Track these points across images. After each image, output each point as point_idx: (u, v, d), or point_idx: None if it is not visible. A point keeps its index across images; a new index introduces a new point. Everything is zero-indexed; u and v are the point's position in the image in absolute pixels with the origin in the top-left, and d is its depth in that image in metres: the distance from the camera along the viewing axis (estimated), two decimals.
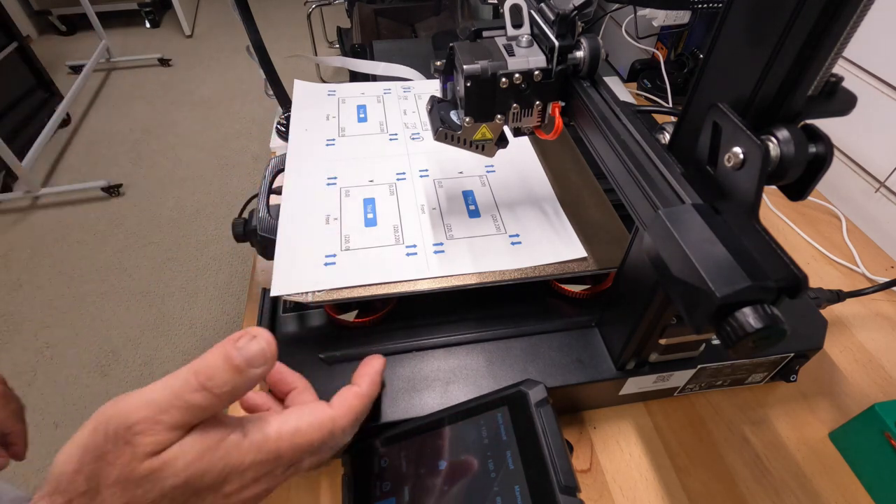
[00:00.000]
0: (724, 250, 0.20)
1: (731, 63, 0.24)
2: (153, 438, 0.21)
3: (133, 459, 0.21)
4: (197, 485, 0.23)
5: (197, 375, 0.22)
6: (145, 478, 0.21)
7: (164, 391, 0.22)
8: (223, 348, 0.22)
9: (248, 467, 0.24)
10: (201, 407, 0.22)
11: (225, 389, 0.22)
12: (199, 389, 0.22)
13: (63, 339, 1.27)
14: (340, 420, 0.27)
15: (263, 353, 0.23)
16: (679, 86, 0.75)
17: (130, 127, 1.97)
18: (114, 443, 0.21)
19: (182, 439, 0.22)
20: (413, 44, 0.91)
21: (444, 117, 0.36)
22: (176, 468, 0.22)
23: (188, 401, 0.22)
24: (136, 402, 0.22)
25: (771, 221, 0.58)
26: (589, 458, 0.38)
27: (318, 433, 0.26)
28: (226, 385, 0.22)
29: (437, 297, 0.37)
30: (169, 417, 0.22)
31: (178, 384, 0.22)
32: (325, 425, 0.26)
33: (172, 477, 0.22)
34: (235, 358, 0.22)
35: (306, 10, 1.84)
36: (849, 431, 0.38)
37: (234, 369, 0.22)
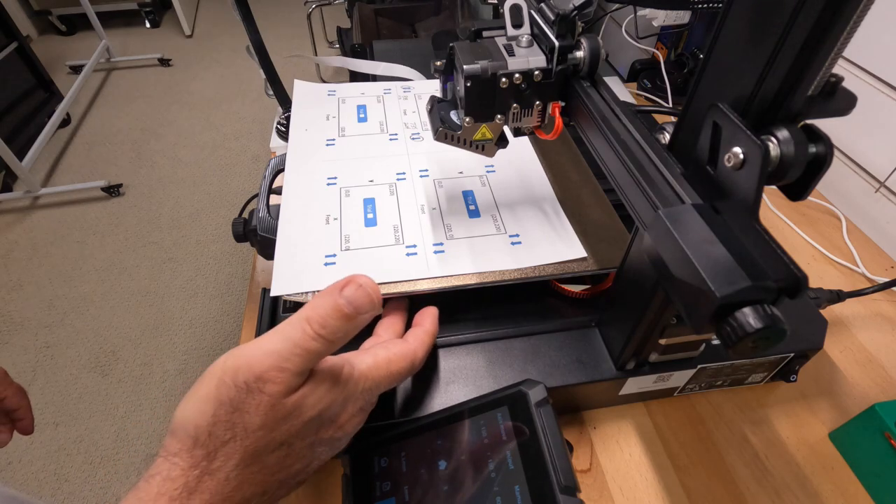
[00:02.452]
0: (724, 250, 0.20)
1: (731, 63, 0.24)
2: (284, 385, 0.23)
3: (274, 403, 0.23)
4: (326, 414, 0.26)
5: (311, 324, 0.24)
6: (290, 414, 0.24)
7: (284, 341, 0.24)
8: (332, 298, 0.24)
9: (359, 395, 0.27)
10: (319, 352, 0.24)
11: (339, 335, 0.24)
12: (316, 337, 0.24)
13: (63, 339, 1.27)
14: (419, 351, 0.31)
15: (371, 300, 0.25)
16: (679, 86, 0.75)
17: (130, 127, 1.97)
18: (247, 392, 0.23)
19: (312, 377, 0.25)
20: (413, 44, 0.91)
21: (444, 117, 0.36)
22: (313, 401, 0.25)
23: (307, 348, 0.24)
24: (259, 353, 0.23)
25: (771, 221, 0.58)
26: (589, 458, 0.38)
27: (404, 362, 0.30)
28: (339, 331, 0.24)
29: (437, 297, 0.37)
30: (292, 365, 0.23)
31: (297, 334, 0.23)
32: (408, 356, 0.30)
33: (310, 409, 0.25)
34: (345, 307, 0.24)
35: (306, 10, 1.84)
36: (849, 431, 0.38)
37: (345, 317, 0.24)
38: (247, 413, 0.23)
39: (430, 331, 0.34)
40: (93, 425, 1.12)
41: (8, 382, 0.43)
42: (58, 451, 1.07)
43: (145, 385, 1.19)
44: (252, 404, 0.23)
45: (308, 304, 0.24)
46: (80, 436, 1.10)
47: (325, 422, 0.26)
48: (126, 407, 1.15)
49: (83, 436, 1.10)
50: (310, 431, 0.25)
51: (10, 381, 0.44)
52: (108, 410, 1.14)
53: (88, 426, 1.11)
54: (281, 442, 0.24)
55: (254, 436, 0.23)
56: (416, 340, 0.32)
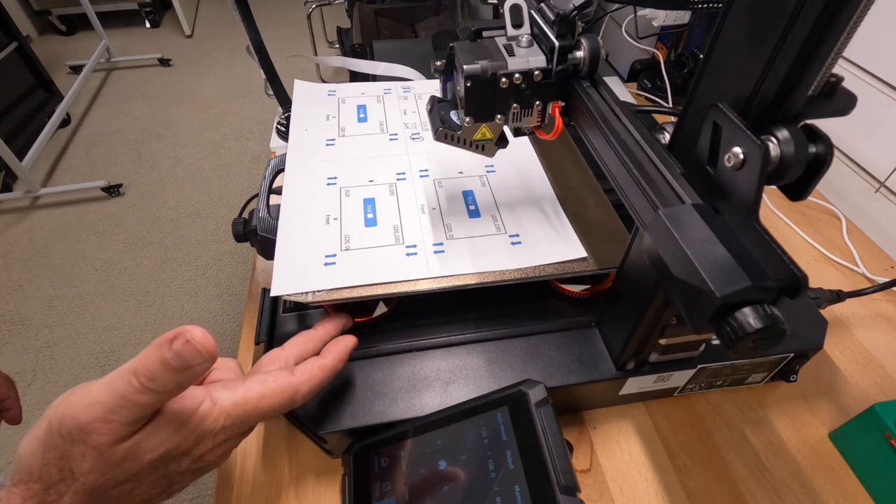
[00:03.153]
0: (724, 250, 0.20)
1: (731, 63, 0.24)
2: (110, 436, 0.23)
3: (101, 451, 0.22)
4: (174, 453, 0.25)
5: (138, 377, 0.22)
6: (123, 459, 0.23)
7: (108, 393, 0.23)
8: (159, 352, 0.22)
9: (219, 431, 0.26)
10: (149, 403, 0.23)
11: (169, 387, 0.23)
12: (143, 390, 0.22)
13: (63, 339, 1.27)
14: (302, 388, 0.29)
15: (200, 354, 0.23)
16: (679, 86, 0.75)
17: (130, 127, 1.97)
18: (71, 442, 0.22)
19: (155, 420, 0.24)
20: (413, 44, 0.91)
21: (444, 117, 0.36)
22: (151, 445, 0.24)
23: (133, 400, 0.22)
24: (85, 403, 0.23)
25: (771, 221, 0.58)
26: (589, 458, 0.38)
27: (280, 398, 0.28)
28: (169, 383, 0.23)
29: (437, 297, 0.37)
30: (118, 417, 0.23)
31: (122, 386, 0.22)
32: (287, 391, 0.29)
33: (149, 453, 0.24)
34: (173, 360, 0.22)
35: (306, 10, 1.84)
36: (849, 431, 0.38)
37: (174, 370, 0.23)
38: (73, 460, 0.23)
39: (328, 365, 0.31)
40: None
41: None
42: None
43: None
44: (77, 453, 0.23)
45: (138, 355, 0.23)
46: None
47: (176, 457, 0.25)
48: None
49: None
50: (156, 469, 0.25)
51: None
52: None
53: None
54: (122, 480, 0.24)
55: (84, 478, 0.23)
56: (303, 375, 0.30)
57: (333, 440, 0.34)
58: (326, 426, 0.33)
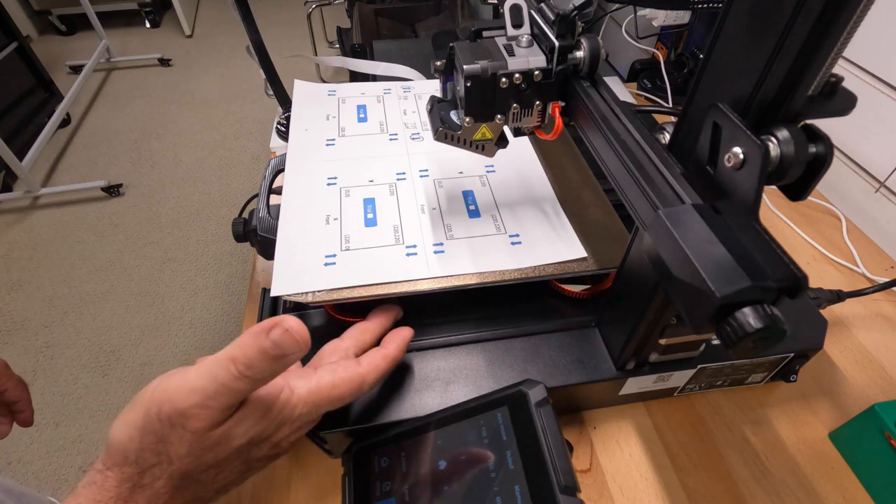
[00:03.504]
0: (724, 250, 0.20)
1: (731, 63, 0.24)
2: (208, 422, 0.24)
3: (198, 437, 0.24)
4: (259, 438, 0.26)
5: (237, 364, 0.23)
6: (216, 444, 0.25)
7: (208, 380, 0.24)
8: (258, 340, 0.24)
9: (296, 418, 0.28)
10: (244, 391, 0.24)
11: (265, 375, 0.24)
12: (240, 378, 0.23)
13: (63, 339, 1.27)
14: (368, 377, 0.31)
15: (297, 343, 0.24)
16: (679, 86, 0.75)
17: (130, 127, 1.97)
18: (170, 427, 0.23)
19: (244, 407, 0.25)
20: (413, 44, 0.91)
21: (444, 117, 0.36)
22: (241, 430, 0.25)
23: (231, 387, 0.24)
24: (184, 389, 0.24)
25: (771, 221, 0.58)
26: (589, 458, 0.38)
27: (349, 387, 0.30)
28: (265, 371, 0.24)
29: (437, 297, 0.37)
30: (216, 403, 0.24)
31: (221, 373, 0.23)
32: (355, 381, 0.30)
33: (239, 438, 0.25)
34: (271, 349, 0.24)
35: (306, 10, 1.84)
36: (849, 431, 0.38)
37: (271, 359, 0.24)
38: (171, 444, 0.24)
39: (391, 356, 0.32)
40: (93, 425, 1.11)
41: (9, 375, 0.44)
42: (58, 451, 1.07)
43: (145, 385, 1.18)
44: (175, 437, 0.24)
45: (235, 343, 0.24)
46: (80, 436, 1.10)
47: (258, 443, 0.27)
48: None
49: (83, 436, 1.10)
50: (241, 454, 0.26)
51: (10, 374, 0.44)
52: (108, 410, 1.14)
53: (88, 426, 1.11)
54: (211, 464, 0.25)
55: (180, 462, 0.24)
56: (368, 365, 0.31)
57: (333, 440, 0.34)
58: (326, 426, 0.33)
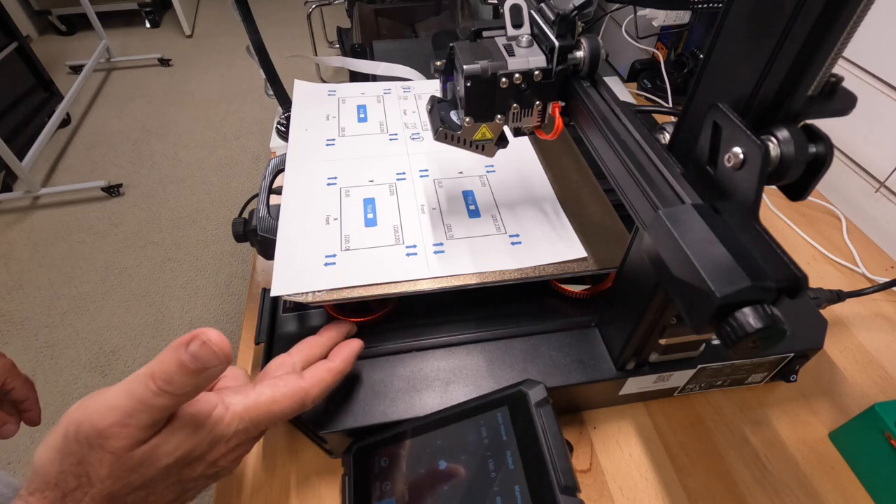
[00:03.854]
0: (724, 250, 0.20)
1: (731, 63, 0.24)
2: (128, 440, 0.23)
3: (118, 456, 0.23)
4: (189, 458, 0.25)
5: (155, 380, 0.23)
6: (139, 464, 0.23)
7: (127, 397, 0.23)
8: (176, 354, 0.23)
9: (232, 435, 0.26)
10: (166, 406, 0.23)
11: (186, 390, 0.23)
12: (160, 393, 0.23)
13: (63, 339, 1.27)
14: (312, 391, 0.30)
15: (216, 356, 0.23)
16: (679, 86, 0.75)
17: (130, 127, 1.97)
18: (89, 447, 0.23)
19: (170, 424, 0.24)
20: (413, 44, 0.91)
21: (444, 117, 0.36)
22: (167, 449, 0.24)
23: (150, 404, 0.23)
24: (102, 408, 0.23)
25: (771, 221, 0.58)
26: (589, 458, 0.38)
27: (290, 402, 0.29)
28: (186, 386, 0.23)
29: (437, 297, 0.37)
30: (136, 420, 0.23)
31: (140, 389, 0.23)
32: (297, 395, 0.29)
33: (165, 457, 0.24)
34: (189, 363, 0.23)
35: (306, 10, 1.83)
36: (849, 431, 0.38)
37: (190, 373, 0.23)
38: (91, 465, 0.23)
39: (336, 368, 0.32)
40: None
41: (15, 374, 0.44)
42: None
43: None
44: (95, 458, 0.23)
45: (155, 359, 0.23)
46: None
47: (190, 462, 0.26)
48: None
49: None
50: (170, 474, 0.25)
51: (17, 373, 0.44)
52: None
53: None
54: (138, 485, 0.24)
55: (101, 484, 0.23)
56: (312, 378, 0.30)
57: (333, 440, 0.34)
58: (326, 426, 0.33)
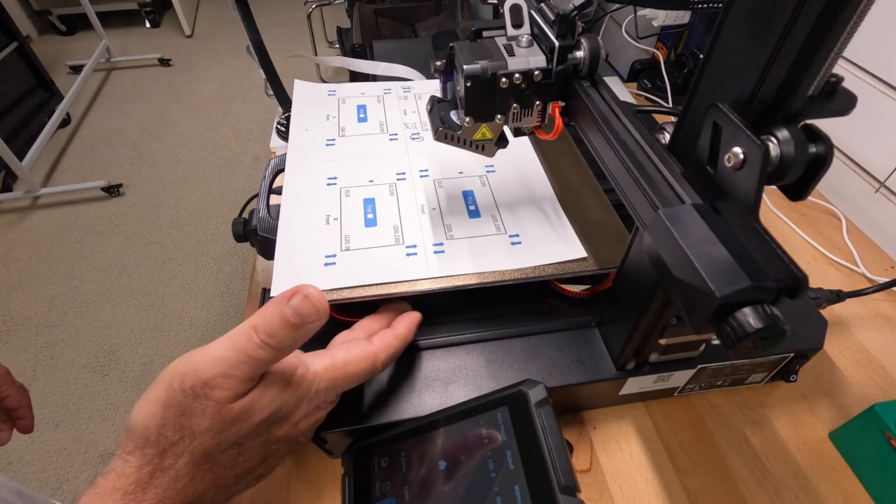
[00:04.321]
0: (724, 250, 0.20)
1: (731, 63, 0.24)
2: (231, 391, 0.24)
3: (221, 408, 0.24)
4: (278, 415, 0.26)
5: (259, 333, 0.24)
6: (238, 418, 0.24)
7: (231, 349, 0.24)
8: (279, 308, 0.24)
9: (314, 395, 0.28)
10: (267, 360, 0.24)
11: (286, 343, 0.24)
12: (263, 346, 0.24)
13: (63, 339, 1.27)
14: (381, 354, 0.31)
15: (316, 310, 0.25)
16: (679, 86, 0.75)
17: (130, 127, 1.97)
18: (194, 398, 0.23)
19: (264, 380, 0.25)
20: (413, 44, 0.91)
21: (444, 117, 0.36)
22: (263, 404, 0.25)
23: (254, 356, 0.24)
24: (207, 360, 0.24)
25: (771, 221, 0.58)
26: (589, 458, 0.38)
27: (364, 364, 0.30)
28: (286, 340, 0.24)
29: (437, 297, 0.37)
30: (240, 372, 0.24)
31: (243, 342, 0.24)
32: (368, 358, 0.30)
33: (259, 412, 0.25)
34: (291, 317, 0.24)
35: (306, 10, 1.83)
36: (849, 431, 0.38)
37: (292, 326, 0.24)
38: (194, 417, 0.24)
39: (400, 335, 0.33)
40: (93, 425, 1.11)
41: (10, 381, 0.44)
42: (58, 451, 1.07)
43: (145, 385, 1.16)
44: (199, 409, 0.23)
45: (257, 313, 0.24)
46: (80, 436, 1.10)
47: (278, 421, 0.27)
48: (126, 407, 1.15)
49: (83, 436, 1.10)
50: (261, 431, 0.26)
51: (12, 381, 0.44)
52: (107, 410, 1.14)
53: (88, 426, 1.11)
54: (232, 442, 0.25)
55: (202, 437, 0.24)
56: (380, 343, 0.32)
57: (333, 440, 0.34)
58: (326, 426, 0.33)
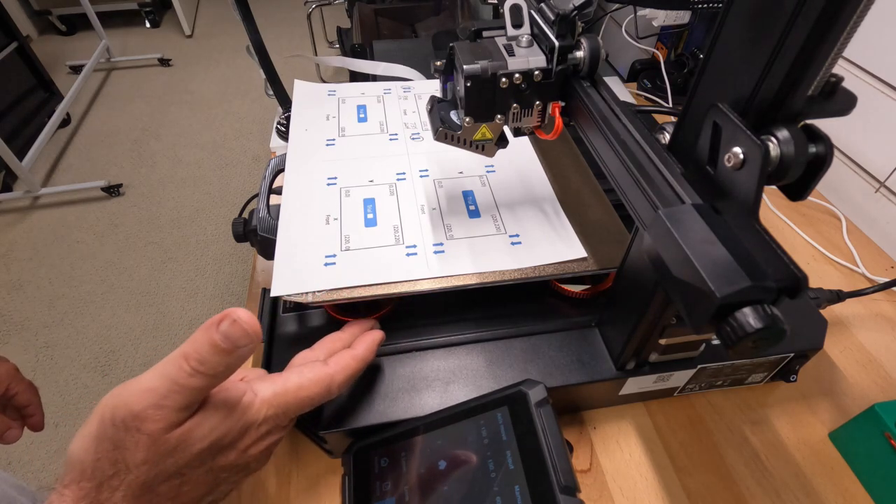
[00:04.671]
0: (724, 250, 0.20)
1: (731, 63, 0.24)
2: (163, 423, 0.23)
3: (154, 439, 0.23)
4: (221, 444, 0.25)
5: (188, 360, 0.23)
6: (175, 448, 0.24)
7: (161, 379, 0.23)
8: (208, 334, 0.23)
9: (262, 421, 0.27)
10: (200, 388, 0.23)
11: (219, 370, 0.24)
12: (193, 374, 0.23)
13: (63, 339, 1.27)
14: (337, 377, 0.30)
15: (247, 334, 0.24)
16: (679, 86, 0.75)
17: (130, 127, 1.97)
18: (125, 431, 0.23)
19: (203, 408, 0.25)
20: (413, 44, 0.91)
21: (444, 117, 0.36)
22: (201, 433, 0.24)
23: (185, 385, 0.23)
24: (137, 391, 0.23)
25: (771, 221, 0.58)
26: (589, 458, 0.38)
27: (317, 388, 0.29)
28: (219, 366, 0.23)
29: (437, 297, 0.37)
30: (171, 402, 0.23)
31: (174, 371, 0.23)
32: (322, 381, 0.29)
33: (199, 442, 0.24)
34: (221, 342, 0.23)
35: (306, 10, 1.83)
36: (849, 431, 0.38)
37: (222, 352, 0.23)
38: (127, 450, 0.23)
39: (359, 356, 0.32)
40: None
41: (19, 379, 0.44)
42: (58, 451, 1.07)
43: None
44: (131, 441, 0.23)
45: (187, 341, 0.24)
46: None
47: (222, 449, 0.26)
48: None
49: None
50: (204, 460, 0.25)
51: (21, 378, 0.44)
52: None
53: None
54: (171, 473, 0.24)
55: (137, 470, 0.23)
56: (336, 365, 0.31)
57: (333, 440, 0.34)
58: (326, 426, 0.33)
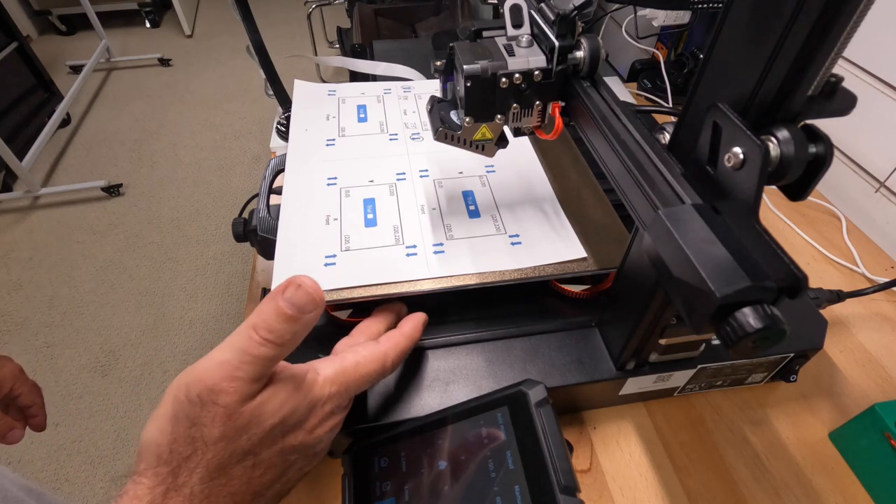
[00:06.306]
0: (724, 250, 0.20)
1: (731, 63, 0.24)
2: (238, 395, 0.23)
3: (230, 413, 0.23)
4: (290, 421, 0.26)
5: (258, 330, 0.23)
6: (249, 423, 0.24)
7: (232, 351, 0.24)
8: (274, 302, 0.24)
9: (326, 399, 0.27)
10: (270, 357, 0.24)
11: (287, 338, 0.24)
12: (263, 343, 0.23)
13: (63, 339, 1.27)
14: (390, 353, 0.31)
15: (312, 299, 0.24)
16: (679, 86, 0.75)
17: (130, 127, 1.97)
18: (201, 406, 0.23)
19: (272, 383, 0.25)
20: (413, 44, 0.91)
21: (444, 117, 0.36)
22: (273, 407, 0.25)
23: (256, 354, 0.23)
24: (210, 365, 0.23)
25: (771, 221, 0.58)
26: (589, 458, 0.38)
27: (374, 364, 0.30)
28: (286, 333, 0.24)
29: (437, 297, 0.37)
30: (244, 373, 0.23)
31: (244, 342, 0.23)
32: (378, 358, 0.30)
33: (270, 416, 0.24)
34: (287, 309, 0.24)
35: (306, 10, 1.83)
36: (849, 431, 0.38)
37: (289, 319, 0.24)
38: (204, 426, 0.23)
39: (407, 334, 0.33)
40: (93, 425, 1.11)
41: (23, 379, 0.44)
42: (58, 451, 1.07)
43: (145, 385, 1.19)
44: (208, 417, 0.23)
45: (254, 311, 0.24)
46: (80, 436, 1.10)
47: (291, 427, 0.26)
48: (126, 407, 1.15)
49: (83, 436, 1.10)
50: (275, 438, 0.25)
51: (25, 378, 0.44)
52: (108, 410, 1.14)
53: (88, 426, 1.11)
54: (245, 451, 0.24)
55: (214, 448, 0.23)
56: (388, 342, 0.31)
57: (334, 440, 0.34)
58: None
